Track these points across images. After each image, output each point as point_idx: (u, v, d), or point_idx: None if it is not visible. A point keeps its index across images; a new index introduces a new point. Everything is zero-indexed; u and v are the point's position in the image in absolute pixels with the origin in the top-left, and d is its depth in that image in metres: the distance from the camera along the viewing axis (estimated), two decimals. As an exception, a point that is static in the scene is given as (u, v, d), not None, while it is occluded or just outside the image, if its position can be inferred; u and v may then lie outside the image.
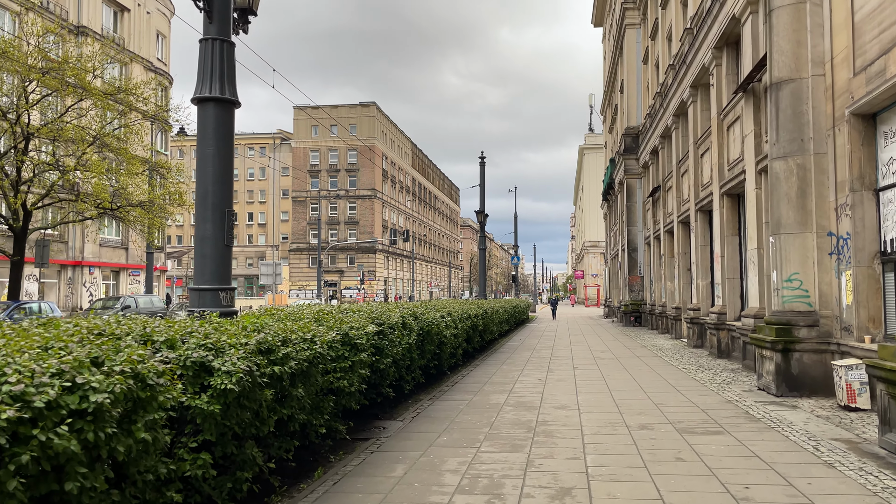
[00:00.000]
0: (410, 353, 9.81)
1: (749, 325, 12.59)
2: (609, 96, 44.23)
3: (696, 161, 18.42)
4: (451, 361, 13.27)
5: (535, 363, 14.64)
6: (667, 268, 24.07)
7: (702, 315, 17.90)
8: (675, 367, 13.49)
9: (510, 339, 23.13)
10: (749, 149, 12.86)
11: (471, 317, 15.28)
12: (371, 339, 7.58)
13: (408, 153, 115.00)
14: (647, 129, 27.89)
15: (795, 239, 9.62)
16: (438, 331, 11.37)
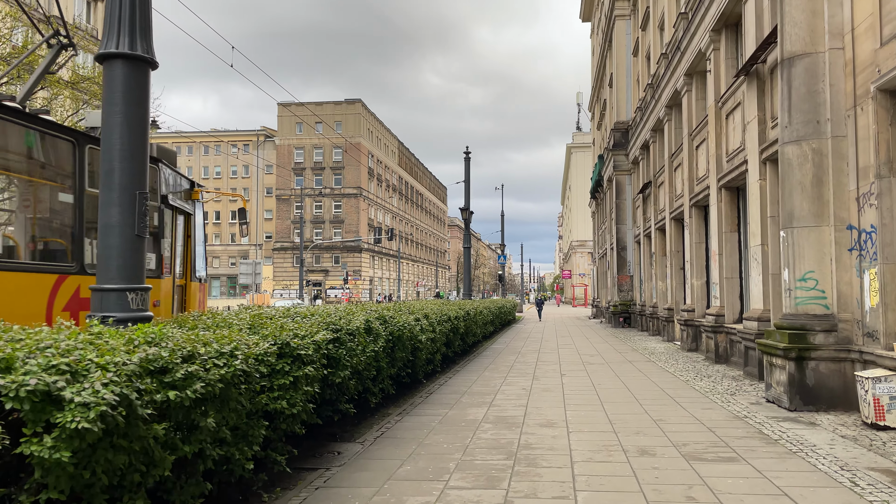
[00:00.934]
0: (377, 361, 8.65)
1: (752, 329, 11.54)
2: (597, 92, 43.25)
3: (690, 154, 17.38)
4: (428, 368, 12.13)
5: (520, 369, 13.51)
6: (658, 267, 23.06)
7: (697, 317, 16.85)
8: (670, 374, 12.41)
9: (495, 341, 22.02)
10: (752, 137, 11.80)
11: (451, 319, 14.14)
12: (324, 348, 6.42)
13: (394, 151, 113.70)
14: (637, 123, 26.87)
15: (810, 233, 8.55)
16: (412, 336, 10.22)
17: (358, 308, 9.54)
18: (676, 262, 20.09)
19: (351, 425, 8.02)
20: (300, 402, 5.69)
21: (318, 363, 6.18)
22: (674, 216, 20.00)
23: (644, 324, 25.96)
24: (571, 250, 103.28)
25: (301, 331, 6.08)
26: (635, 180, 28.79)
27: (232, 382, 4.43)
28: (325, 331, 6.79)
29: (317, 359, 6.16)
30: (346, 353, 7.05)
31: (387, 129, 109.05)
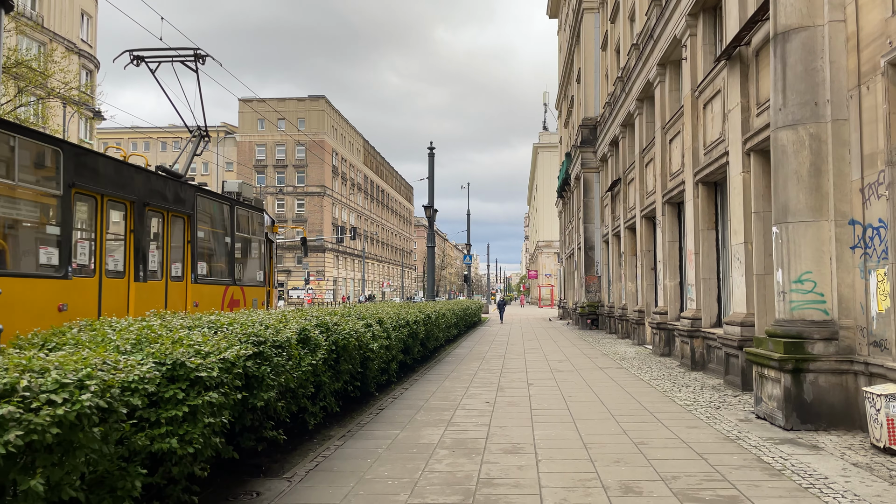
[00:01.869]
0: (317, 376, 7.46)
1: (733, 335, 10.62)
2: (565, 89, 42.49)
3: (663, 148, 16.50)
4: (382, 379, 10.95)
5: (484, 378, 12.41)
6: (628, 267, 22.21)
7: (670, 320, 15.97)
8: (645, 384, 11.43)
9: (459, 345, 20.91)
10: (734, 126, 10.88)
11: (409, 324, 12.97)
12: (239, 366, 5.22)
13: (359, 149, 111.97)
14: (605, 119, 26.04)
15: (808, 229, 7.59)
16: (361, 344, 9.04)
17: (297, 313, 8.32)
18: (647, 262, 19.23)
19: (283, 453, 6.81)
20: (201, 436, 4.48)
21: (229, 385, 4.97)
22: (645, 214, 19.13)
23: (613, 326, 25.13)
24: (538, 251, 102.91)
25: (206, 346, 4.86)
26: (604, 178, 27.98)
27: (79, 424, 3.21)
28: (244, 344, 5.58)
29: (227, 380, 4.96)
30: (271, 370, 5.84)
31: (352, 126, 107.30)
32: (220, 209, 14.17)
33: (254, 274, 15.92)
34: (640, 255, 19.85)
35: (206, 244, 13.76)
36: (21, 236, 9.18)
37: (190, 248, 12.62)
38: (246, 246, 15.60)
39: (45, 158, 9.21)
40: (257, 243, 16.08)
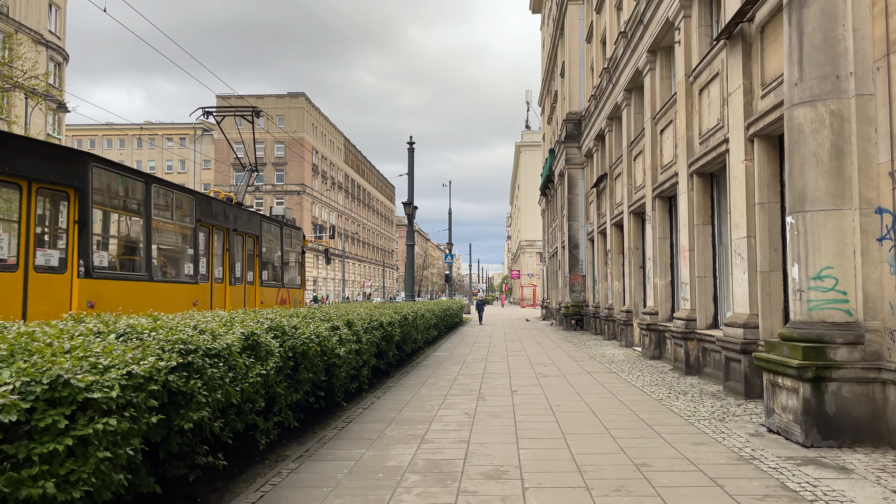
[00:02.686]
0: (268, 388, 6.46)
1: (734, 337, 9.75)
2: (548, 84, 41.69)
3: (653, 139, 15.64)
4: (352, 387, 9.95)
5: (464, 384, 11.45)
6: (614, 266, 21.37)
7: (661, 321, 15.12)
8: (639, 390, 10.53)
9: (438, 347, 19.94)
10: (736, 110, 10.02)
11: (382, 326, 11.98)
12: (160, 380, 4.21)
13: (340, 148, 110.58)
14: (591, 112, 25.21)
15: (828, 219, 6.71)
16: (324, 350, 8.04)
17: (248, 316, 7.30)
18: (636, 261, 18.39)
19: (225, 479, 5.80)
20: (95, 475, 3.47)
21: (141, 408, 3.96)
22: (633, 210, 18.28)
23: (598, 327, 24.29)
24: (520, 250, 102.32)
25: (106, 358, 3.84)
26: (589, 174, 27.16)
27: None
28: (167, 353, 4.57)
29: (139, 400, 3.94)
30: (203, 384, 4.83)
31: (332, 124, 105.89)
32: (274, 230, 19.16)
33: (295, 278, 21.23)
34: (627, 252, 19.01)
35: (267, 257, 18.63)
36: (171, 257, 13.66)
37: (258, 260, 17.56)
38: (289, 257, 20.71)
39: (185, 204, 13.79)
40: (296, 255, 21.45)
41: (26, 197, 9.54)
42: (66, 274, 10.00)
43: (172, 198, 13.28)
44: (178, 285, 13.25)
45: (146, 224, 12.05)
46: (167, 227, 13.29)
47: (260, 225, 17.68)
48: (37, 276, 9.56)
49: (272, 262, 19.04)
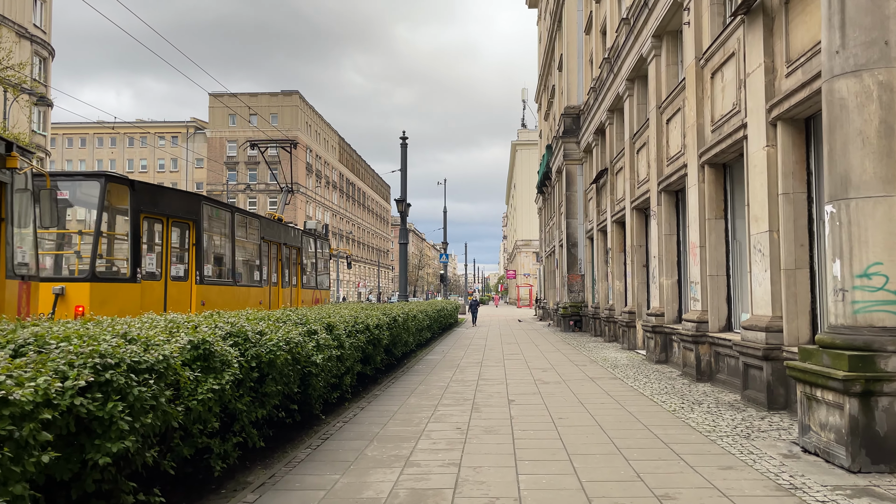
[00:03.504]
0: (225, 405, 5.52)
1: (755, 342, 8.83)
2: (545, 80, 40.77)
3: (659, 130, 14.73)
4: (333, 396, 9.02)
5: (457, 392, 10.50)
6: (615, 264, 20.46)
7: (668, 323, 14.20)
8: (648, 399, 9.61)
9: (432, 349, 19.00)
10: (755, 91, 9.10)
11: (369, 329, 11.03)
12: (64, 405, 3.27)
13: (335, 147, 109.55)
14: (590, 106, 24.29)
15: (876, 207, 5.79)
16: (298, 357, 7.09)
17: (207, 319, 6.34)
18: (639, 259, 17.47)
19: (166, 517, 4.84)
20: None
21: (22, 445, 3.01)
22: (636, 206, 17.37)
23: (598, 328, 23.37)
24: (516, 250, 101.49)
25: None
26: (588, 170, 26.24)
27: None
28: (76, 370, 3.61)
29: (21, 435, 2.99)
30: (125, 407, 3.87)
31: (326, 123, 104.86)
32: (310, 241, 23.38)
33: (324, 280, 26.18)
34: (629, 251, 18.10)
35: (305, 263, 22.63)
36: (246, 266, 17.27)
37: (299, 267, 21.69)
38: (320, 263, 25.33)
39: (253, 225, 17.79)
40: (324, 261, 26.39)
41: (166, 228, 13.66)
42: (188, 282, 14.11)
43: (246, 222, 17.71)
44: (250, 288, 17.38)
45: (231, 243, 16.25)
46: (243, 244, 17.33)
47: (301, 238, 22.17)
48: (172, 284, 13.63)
49: (309, 268, 23.54)
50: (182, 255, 14.31)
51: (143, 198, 13.04)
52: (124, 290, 12.41)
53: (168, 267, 13.57)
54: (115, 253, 13.22)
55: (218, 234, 15.86)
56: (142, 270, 12.77)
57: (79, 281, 11.88)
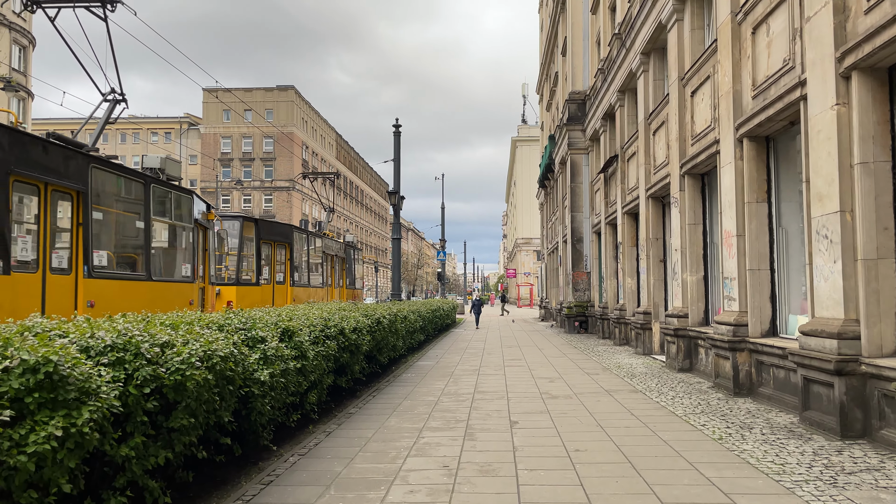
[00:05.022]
0: (89, 453, 3.70)
1: (822, 351, 7.00)
2: (547, 69, 38.93)
3: (681, 105, 12.90)
4: (291, 419, 7.24)
5: (448, 409, 8.68)
6: (626, 260, 18.63)
7: (692, 325, 12.38)
8: (681, 421, 7.79)
9: (425, 353, 17.18)
10: (819, 39, 7.27)
11: (343, 333, 9.20)
12: None
13: (332, 144, 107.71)
14: (597, 89, 22.45)
15: None
16: (230, 377, 5.27)
17: (80, 326, 4.52)
18: (655, 253, 15.64)
19: None
20: None
21: None
22: (652, 194, 15.53)
23: (606, 330, 21.54)
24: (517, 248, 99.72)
25: None
26: (594, 159, 24.40)
27: None
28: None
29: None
30: None
31: (323, 119, 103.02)
32: (350, 251, 29.52)
33: (356, 281, 31.54)
34: (644, 244, 16.27)
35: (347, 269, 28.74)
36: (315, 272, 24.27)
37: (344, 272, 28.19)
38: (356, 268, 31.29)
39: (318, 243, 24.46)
40: (359, 266, 31.63)
41: (274, 249, 19.49)
42: (284, 285, 20.09)
43: (316, 240, 23.87)
44: (317, 289, 23.63)
45: (308, 257, 22.58)
46: (314, 257, 23.54)
47: (344, 249, 28.06)
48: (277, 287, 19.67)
49: (348, 272, 29.08)
50: (282, 267, 20.52)
51: (262, 229, 19.20)
52: (253, 290, 18.47)
53: (274, 275, 19.86)
54: (244, 266, 19.03)
55: (300, 250, 21.81)
56: (261, 278, 19.12)
57: (229, 285, 18.03)
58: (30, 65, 43.28)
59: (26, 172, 8.56)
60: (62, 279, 9.28)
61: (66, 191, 9.51)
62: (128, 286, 11.04)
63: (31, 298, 8.60)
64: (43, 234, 8.93)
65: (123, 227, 11.79)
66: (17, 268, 8.53)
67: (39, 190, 8.93)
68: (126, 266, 11.55)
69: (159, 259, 12.86)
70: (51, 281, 8.93)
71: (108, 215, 11.08)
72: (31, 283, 8.63)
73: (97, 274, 10.00)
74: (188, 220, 13.52)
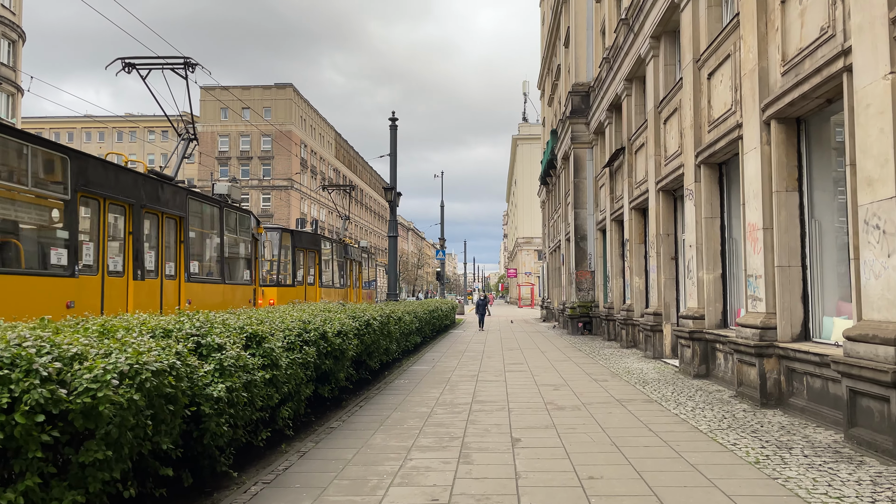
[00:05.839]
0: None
1: (876, 359, 6.02)
2: (548, 62, 37.94)
3: (696, 89, 11.92)
4: (259, 438, 6.24)
5: (442, 424, 7.70)
6: (634, 258, 17.64)
7: (709, 327, 11.41)
8: (708, 438, 6.81)
9: (421, 357, 16.21)
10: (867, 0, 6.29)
11: (326, 338, 8.24)
12: None
13: (330, 142, 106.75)
14: (602, 80, 21.47)
15: None
16: (170, 395, 4.30)
17: None
18: (666, 250, 14.66)
19: None
20: None
21: None
22: (663, 186, 14.55)
23: (612, 331, 20.55)
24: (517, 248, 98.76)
25: None
26: (599, 154, 23.42)
27: None
28: None
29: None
30: None
31: (322, 118, 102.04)
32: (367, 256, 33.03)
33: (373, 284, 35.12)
34: (653, 241, 15.29)
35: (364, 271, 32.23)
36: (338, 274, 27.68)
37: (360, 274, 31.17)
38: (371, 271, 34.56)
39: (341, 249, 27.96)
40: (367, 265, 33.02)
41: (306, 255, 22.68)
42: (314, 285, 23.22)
43: (339, 247, 27.18)
44: (339, 289, 26.58)
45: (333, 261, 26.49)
46: (338, 261, 27.13)
47: (360, 255, 31.30)
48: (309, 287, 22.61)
49: (364, 275, 32.36)
50: (313, 270, 23.45)
51: (296, 238, 22.08)
52: (290, 290, 21.00)
53: (306, 278, 22.86)
54: (283, 270, 21.84)
55: (326, 256, 25.57)
56: (296, 280, 21.86)
57: (271, 286, 20.74)
58: (20, 60, 42.33)
59: (149, 205, 11.63)
60: (172, 283, 12.49)
61: (174, 217, 12.57)
62: (210, 288, 14.30)
63: (153, 297, 11.75)
64: (159, 250, 12.13)
65: (206, 242, 14.72)
66: (149, 275, 11.66)
67: (158, 218, 12.02)
68: (208, 272, 14.66)
69: (229, 266, 15.66)
70: (165, 285, 12.15)
71: (198, 233, 14.08)
72: (153, 287, 11.80)
73: (192, 279, 13.23)
74: (247, 235, 16.46)
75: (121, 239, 11.13)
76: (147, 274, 11.49)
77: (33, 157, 9.04)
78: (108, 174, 10.60)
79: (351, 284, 28.87)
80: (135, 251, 11.13)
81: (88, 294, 9.94)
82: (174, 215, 12.48)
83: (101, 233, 10.34)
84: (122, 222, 11.09)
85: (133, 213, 11.12)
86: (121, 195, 10.79)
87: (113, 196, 10.59)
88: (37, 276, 9.10)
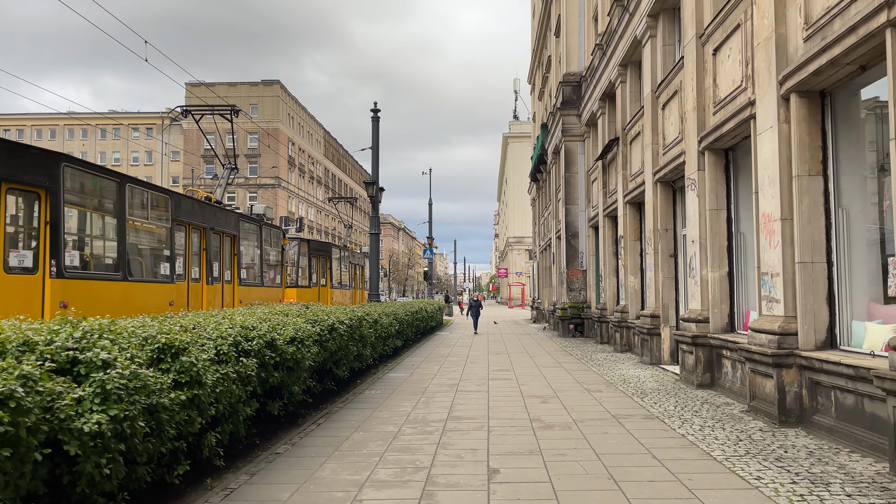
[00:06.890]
0: None
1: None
2: (539, 54, 36.79)
3: (700, 68, 10.77)
4: (174, 475, 5.02)
5: (409, 446, 6.49)
6: (629, 256, 16.50)
7: (714, 331, 10.26)
8: (724, 468, 5.64)
9: (400, 362, 15.00)
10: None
11: (274, 345, 7.01)
12: None
13: (319, 140, 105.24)
14: (594, 68, 20.32)
15: None
16: (31, 426, 3.07)
17: None
18: (665, 247, 13.51)
19: None
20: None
21: None
22: (661, 178, 13.40)
23: (605, 334, 19.40)
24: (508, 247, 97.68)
25: None
26: (591, 147, 22.27)
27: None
28: None
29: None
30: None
31: (311, 115, 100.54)
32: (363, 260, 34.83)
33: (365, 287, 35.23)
34: (650, 237, 14.14)
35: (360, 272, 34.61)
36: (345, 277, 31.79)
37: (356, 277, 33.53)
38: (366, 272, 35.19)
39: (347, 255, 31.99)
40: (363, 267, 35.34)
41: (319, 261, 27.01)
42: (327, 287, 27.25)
43: (346, 254, 30.49)
44: (346, 290, 30.29)
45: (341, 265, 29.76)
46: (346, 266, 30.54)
47: (363, 259, 33.72)
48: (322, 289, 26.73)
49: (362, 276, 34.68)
50: (325, 273, 27.14)
51: (311, 246, 26.38)
52: (306, 291, 24.47)
53: (319, 280, 26.63)
54: (301, 274, 25.58)
55: (336, 261, 28.70)
56: (311, 283, 25.84)
57: (290, 287, 23.58)
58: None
59: (216, 227, 15.35)
60: (229, 286, 16.15)
61: (230, 235, 16.27)
62: (253, 290, 17.71)
63: (218, 297, 15.38)
64: (221, 261, 15.71)
65: (250, 253, 18.33)
66: (215, 281, 15.24)
67: (220, 237, 15.69)
68: (251, 277, 18.22)
69: (265, 272, 19.31)
70: (224, 288, 15.83)
71: (244, 247, 17.66)
72: (217, 289, 15.41)
73: (242, 283, 16.96)
74: (277, 246, 20.59)
75: (197, 254, 14.69)
76: (214, 280, 15.23)
77: (152, 199, 12.81)
78: (191, 206, 14.31)
79: (355, 286, 32.56)
80: (207, 263, 14.90)
81: (180, 295, 13.51)
82: (230, 234, 16.33)
83: (186, 250, 14.03)
84: (198, 241, 14.74)
85: (206, 234, 14.90)
86: (198, 221, 14.53)
87: (194, 223, 14.32)
88: (154, 283, 12.75)
